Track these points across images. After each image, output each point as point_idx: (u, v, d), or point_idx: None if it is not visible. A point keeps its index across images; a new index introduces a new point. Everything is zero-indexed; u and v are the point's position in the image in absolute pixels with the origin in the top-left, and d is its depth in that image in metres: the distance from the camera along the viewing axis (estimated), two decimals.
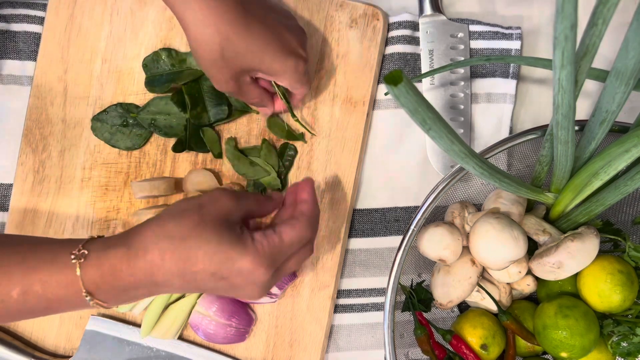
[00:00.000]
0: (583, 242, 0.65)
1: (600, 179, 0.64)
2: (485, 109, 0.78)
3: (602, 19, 0.51)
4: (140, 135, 0.76)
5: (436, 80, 0.78)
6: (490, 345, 0.70)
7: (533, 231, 0.69)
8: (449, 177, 0.68)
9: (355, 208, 0.79)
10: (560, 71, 0.51)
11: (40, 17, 0.78)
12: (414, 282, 0.74)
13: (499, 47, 0.78)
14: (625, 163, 0.61)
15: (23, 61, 0.78)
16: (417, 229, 0.68)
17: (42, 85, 0.76)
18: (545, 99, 0.79)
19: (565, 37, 0.48)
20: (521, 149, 0.71)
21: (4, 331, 0.77)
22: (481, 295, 0.72)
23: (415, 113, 0.50)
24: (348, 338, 0.78)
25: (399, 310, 0.71)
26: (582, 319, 0.67)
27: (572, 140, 0.59)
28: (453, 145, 0.55)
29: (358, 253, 0.78)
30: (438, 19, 0.78)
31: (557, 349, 0.67)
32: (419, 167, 0.78)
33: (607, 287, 0.67)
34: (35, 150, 0.76)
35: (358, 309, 0.78)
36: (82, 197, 0.76)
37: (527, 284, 0.71)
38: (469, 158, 0.57)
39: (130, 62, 0.77)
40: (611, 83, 0.55)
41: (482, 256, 0.67)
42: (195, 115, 0.75)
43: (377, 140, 0.79)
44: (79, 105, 0.77)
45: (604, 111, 0.58)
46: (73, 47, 0.77)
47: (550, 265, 0.66)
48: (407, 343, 0.72)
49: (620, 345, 0.69)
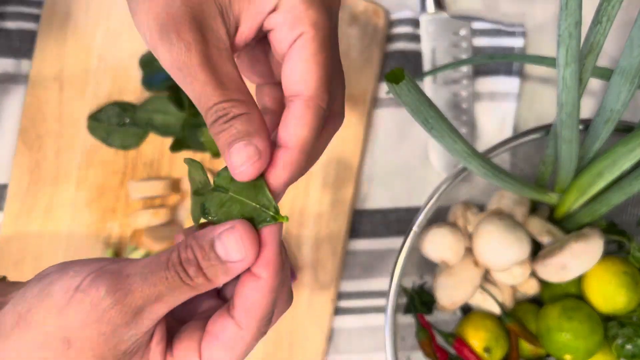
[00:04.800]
0: (587, 243, 0.65)
1: (604, 179, 0.64)
2: (488, 107, 0.78)
3: (606, 17, 0.51)
4: (137, 135, 0.76)
5: (438, 79, 0.78)
6: (493, 348, 0.69)
7: (537, 232, 0.68)
8: (451, 177, 0.67)
9: (356, 209, 0.78)
10: (564, 69, 0.51)
11: (35, 14, 0.77)
12: (416, 284, 0.74)
13: (502, 45, 0.78)
14: (630, 162, 0.61)
15: (18, 59, 0.77)
16: (419, 230, 0.67)
17: (37, 84, 0.76)
18: (549, 98, 0.79)
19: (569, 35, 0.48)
20: (525, 149, 0.71)
21: None
22: (484, 297, 0.71)
23: (417, 112, 0.50)
24: (348, 341, 0.78)
25: (400, 312, 0.71)
26: (586, 321, 0.66)
27: (577, 140, 0.59)
28: (455, 144, 0.55)
29: (359, 254, 0.78)
30: (440, 16, 0.78)
31: (561, 352, 0.67)
32: (421, 167, 0.78)
33: (612, 288, 0.67)
34: (31, 149, 0.76)
35: (359, 311, 0.78)
36: (78, 198, 0.76)
37: (531, 285, 0.71)
38: (471, 158, 0.58)
39: (127, 60, 0.77)
40: (616, 81, 0.55)
41: (485, 257, 0.67)
42: (192, 114, 0.75)
43: (378, 139, 0.78)
44: (75, 104, 0.76)
45: (609, 110, 0.58)
46: (69, 44, 0.77)
47: (554, 266, 0.66)
48: (409, 346, 0.71)
49: (625, 347, 0.69)
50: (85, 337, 0.35)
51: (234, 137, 0.36)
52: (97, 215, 0.76)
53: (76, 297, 0.35)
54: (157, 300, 0.35)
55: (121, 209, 0.76)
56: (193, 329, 0.39)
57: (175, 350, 0.38)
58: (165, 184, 0.75)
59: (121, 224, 0.76)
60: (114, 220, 0.76)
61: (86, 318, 0.35)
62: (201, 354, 0.38)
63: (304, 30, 0.38)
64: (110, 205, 0.76)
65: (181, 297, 0.36)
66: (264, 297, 0.37)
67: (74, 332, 0.35)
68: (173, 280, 0.35)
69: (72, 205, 0.76)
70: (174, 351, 0.38)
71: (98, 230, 0.76)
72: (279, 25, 0.38)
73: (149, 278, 0.35)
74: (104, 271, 0.36)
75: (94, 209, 0.76)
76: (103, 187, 0.76)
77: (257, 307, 0.37)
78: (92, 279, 0.35)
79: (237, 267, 0.36)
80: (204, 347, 0.38)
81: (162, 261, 0.36)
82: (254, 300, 0.37)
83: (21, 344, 0.36)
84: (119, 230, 0.76)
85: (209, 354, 0.37)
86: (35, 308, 0.36)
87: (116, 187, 0.76)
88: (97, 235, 0.76)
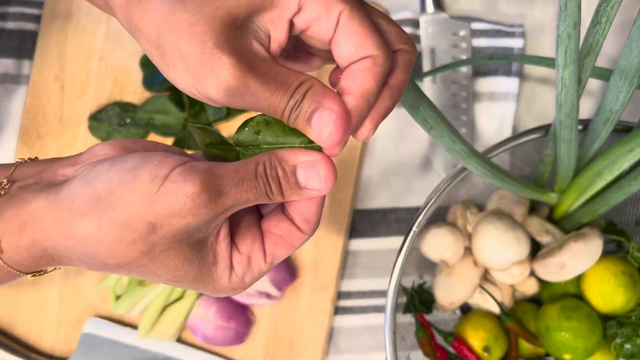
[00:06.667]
0: (586, 243, 0.65)
1: (603, 179, 0.64)
2: (487, 107, 0.78)
3: (605, 17, 0.51)
4: (137, 135, 0.76)
5: (438, 79, 0.78)
6: (493, 348, 0.69)
7: (536, 232, 0.68)
8: (450, 177, 0.67)
9: (356, 208, 0.78)
10: (563, 70, 0.51)
11: (36, 15, 0.77)
12: (416, 284, 0.74)
13: (501, 45, 0.78)
14: (629, 163, 0.61)
15: (19, 60, 0.77)
16: (419, 229, 0.67)
17: (38, 84, 0.76)
18: (549, 98, 0.79)
19: (568, 36, 0.48)
20: (524, 149, 0.71)
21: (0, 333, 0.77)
22: (483, 297, 0.71)
23: (417, 112, 0.50)
24: (348, 340, 0.78)
25: (400, 312, 0.71)
26: (585, 321, 0.66)
27: (576, 140, 0.59)
28: (455, 144, 0.55)
29: (359, 254, 0.78)
30: (440, 16, 0.78)
31: (560, 351, 0.67)
32: (421, 167, 0.78)
33: (611, 288, 0.67)
34: (32, 149, 0.76)
35: (359, 311, 0.78)
36: None
37: (530, 285, 0.71)
38: (471, 158, 0.58)
39: (128, 61, 0.77)
40: (615, 82, 0.55)
41: (484, 257, 0.67)
42: (193, 114, 0.75)
43: (378, 139, 0.78)
44: (75, 104, 0.76)
45: (608, 110, 0.58)
46: (70, 45, 0.77)
47: (553, 266, 0.66)
48: (409, 345, 0.71)
49: (624, 347, 0.69)
50: (170, 224, 0.37)
51: (308, 114, 0.38)
52: None
53: (167, 186, 0.37)
54: (243, 204, 0.39)
55: None
56: (249, 226, 0.42)
57: (240, 246, 0.41)
58: None
59: None
60: None
61: (176, 208, 0.37)
62: (266, 251, 0.42)
63: (340, 9, 0.38)
64: None
65: (258, 203, 0.40)
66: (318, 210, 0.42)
67: (161, 219, 0.37)
68: (258, 190, 0.38)
69: None
70: (239, 247, 0.41)
71: None
72: (315, 19, 0.39)
73: (240, 184, 0.38)
74: (192, 166, 0.37)
75: None
76: None
77: (315, 218, 0.42)
78: (182, 171, 0.37)
79: (312, 194, 0.40)
80: (268, 246, 0.42)
81: (250, 170, 0.38)
82: (311, 212, 0.41)
83: (101, 222, 0.37)
84: None
85: (273, 250, 0.42)
86: (119, 190, 0.37)
87: None
88: None
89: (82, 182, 0.38)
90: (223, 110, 0.75)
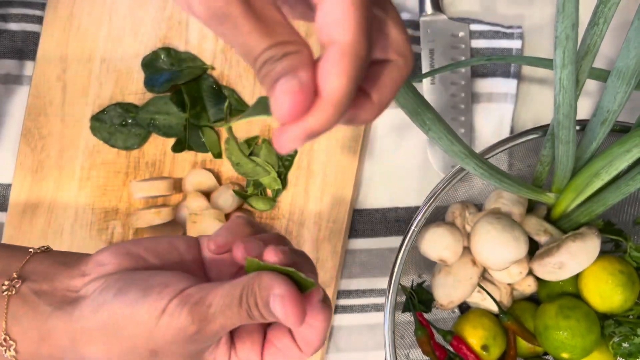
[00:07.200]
0: (584, 243, 0.65)
1: (601, 179, 0.64)
2: (486, 108, 0.78)
3: (603, 18, 0.51)
4: (139, 135, 0.76)
5: (436, 80, 0.78)
6: (491, 346, 0.69)
7: (534, 231, 0.68)
8: (449, 177, 0.67)
9: (356, 208, 0.78)
10: (561, 71, 0.51)
11: (38, 16, 0.78)
12: (415, 283, 0.74)
13: (500, 47, 0.78)
14: (626, 163, 0.61)
15: (22, 60, 0.78)
16: (418, 229, 0.67)
17: (40, 85, 0.76)
18: (547, 99, 0.79)
19: (566, 37, 0.48)
20: (522, 149, 0.71)
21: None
22: (482, 296, 0.71)
23: (415, 114, 0.50)
24: (348, 339, 0.78)
25: (399, 311, 0.71)
26: (583, 320, 0.67)
27: (573, 140, 0.59)
28: (453, 145, 0.55)
29: (358, 253, 0.78)
30: (438, 18, 0.78)
31: (558, 350, 0.67)
32: (420, 167, 0.78)
33: (609, 287, 0.67)
34: (34, 150, 0.76)
35: (358, 309, 0.78)
36: (81, 198, 0.76)
37: (528, 284, 0.71)
38: (469, 158, 0.58)
39: (129, 62, 0.77)
40: (612, 83, 0.55)
41: (483, 256, 0.67)
42: (194, 115, 0.75)
43: (377, 140, 0.78)
44: (77, 105, 0.77)
45: (605, 111, 0.58)
46: (72, 46, 0.77)
47: (551, 265, 0.66)
48: (408, 344, 0.71)
49: (622, 346, 0.69)
50: (170, 350, 0.41)
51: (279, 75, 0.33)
52: (99, 215, 0.76)
53: (164, 320, 0.40)
54: (230, 327, 0.41)
55: (123, 209, 0.77)
56: (250, 331, 0.45)
57: (238, 350, 0.45)
58: (167, 183, 0.75)
59: (124, 223, 0.76)
60: (116, 219, 0.76)
61: (173, 338, 0.41)
62: (263, 359, 0.44)
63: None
64: (113, 205, 0.76)
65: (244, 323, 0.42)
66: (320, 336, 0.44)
67: (160, 346, 0.41)
68: (244, 315, 0.40)
69: (74, 205, 0.76)
70: (237, 350, 0.44)
71: (101, 230, 0.76)
72: None
73: (226, 312, 0.40)
74: (187, 297, 0.41)
75: (96, 208, 0.76)
76: (105, 187, 0.76)
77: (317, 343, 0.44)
78: (177, 304, 0.40)
79: (287, 322, 0.40)
80: (267, 355, 0.45)
81: (236, 296, 0.40)
82: (313, 337, 0.43)
83: (109, 348, 0.42)
84: (121, 230, 0.76)
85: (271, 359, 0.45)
86: (124, 322, 0.41)
87: (119, 187, 0.77)
88: (99, 234, 0.76)
89: (91, 308, 0.42)
90: (223, 110, 0.75)
